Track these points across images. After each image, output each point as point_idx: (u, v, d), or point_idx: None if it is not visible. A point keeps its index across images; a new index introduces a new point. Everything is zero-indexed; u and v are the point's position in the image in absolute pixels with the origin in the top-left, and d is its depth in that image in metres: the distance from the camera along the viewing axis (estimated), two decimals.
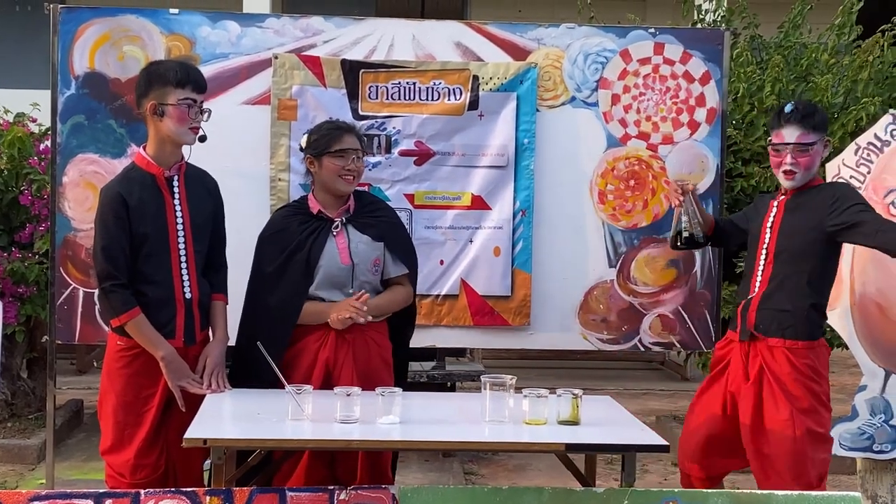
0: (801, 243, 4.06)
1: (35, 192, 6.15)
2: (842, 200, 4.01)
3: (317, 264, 4.07)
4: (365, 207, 4.21)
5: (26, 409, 6.70)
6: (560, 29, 5.02)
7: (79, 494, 3.36)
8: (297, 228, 4.11)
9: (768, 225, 4.17)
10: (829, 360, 4.21)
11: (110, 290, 3.87)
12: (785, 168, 4.07)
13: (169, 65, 3.98)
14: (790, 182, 4.09)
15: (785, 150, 4.05)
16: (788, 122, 4.05)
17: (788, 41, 6.64)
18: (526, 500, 3.44)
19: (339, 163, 4.05)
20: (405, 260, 4.21)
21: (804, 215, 4.08)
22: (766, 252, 4.15)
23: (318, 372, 4.01)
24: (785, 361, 4.06)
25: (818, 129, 4.07)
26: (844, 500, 3.55)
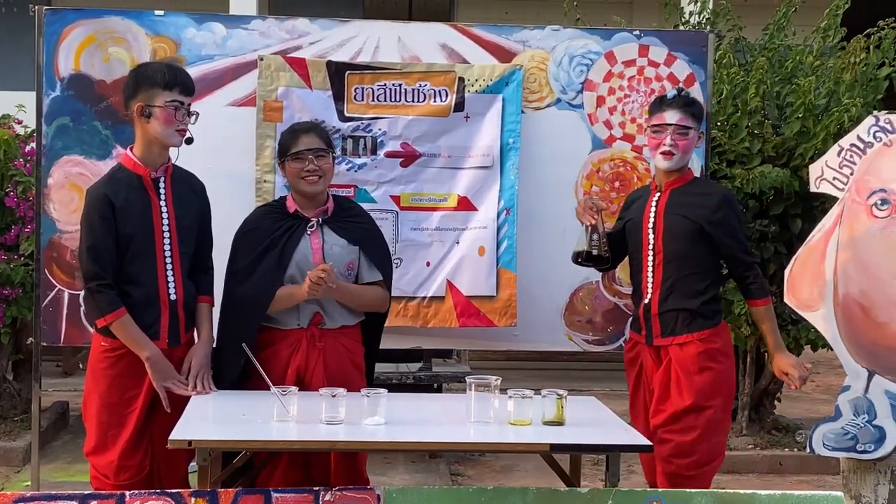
0: (687, 245, 4.20)
1: (20, 194, 6.14)
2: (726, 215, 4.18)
3: (289, 261, 4.09)
4: (343, 212, 4.22)
5: (12, 411, 6.68)
6: (545, 31, 5.03)
7: (64, 496, 3.36)
8: (272, 226, 4.12)
9: (650, 226, 4.25)
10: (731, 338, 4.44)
11: (96, 290, 3.88)
12: (664, 149, 4.18)
13: (157, 67, 3.99)
14: (667, 162, 4.19)
15: (665, 132, 4.17)
16: (671, 105, 4.20)
17: (773, 43, 6.67)
18: (511, 501, 3.45)
19: (297, 165, 4.08)
20: (381, 267, 4.22)
21: (685, 218, 4.19)
22: (653, 255, 4.24)
23: (290, 378, 4.01)
24: (695, 351, 4.19)
25: (696, 118, 4.23)
26: (827, 499, 3.58)
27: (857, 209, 4.46)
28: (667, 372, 4.22)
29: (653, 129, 4.24)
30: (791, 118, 6.21)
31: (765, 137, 6.25)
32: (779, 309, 6.30)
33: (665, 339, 4.23)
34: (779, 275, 6.29)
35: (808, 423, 6.95)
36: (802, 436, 6.64)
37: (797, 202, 6.31)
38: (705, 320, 4.24)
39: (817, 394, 8.81)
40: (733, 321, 6.29)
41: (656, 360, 4.28)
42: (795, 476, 6.38)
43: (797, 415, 7.52)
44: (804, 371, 4.24)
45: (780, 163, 6.23)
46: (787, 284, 4.59)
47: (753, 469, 6.46)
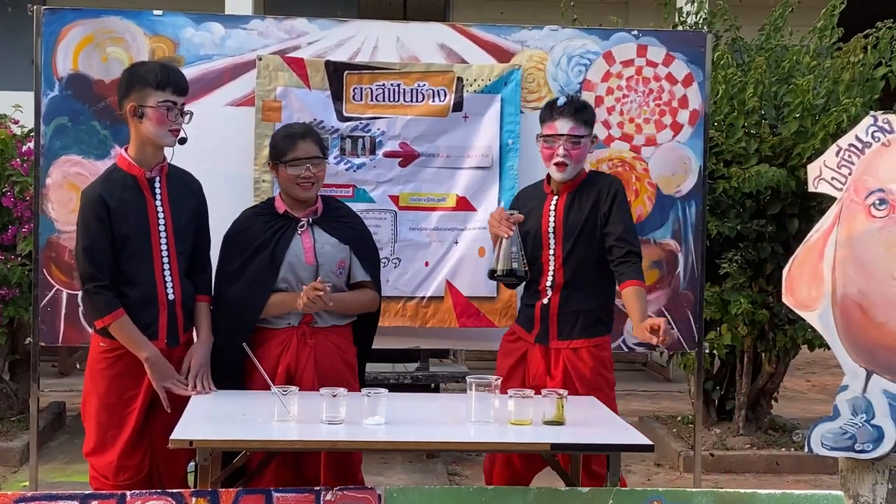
0: (588, 246, 4.20)
1: (17, 194, 6.13)
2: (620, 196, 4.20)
3: (282, 262, 4.10)
4: (332, 211, 4.24)
5: (8, 411, 6.68)
6: (544, 31, 5.04)
7: (65, 496, 3.37)
8: (262, 227, 4.14)
9: (549, 230, 4.24)
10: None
11: (93, 291, 3.88)
12: (557, 160, 4.16)
13: (150, 66, 3.99)
14: (561, 174, 4.18)
15: (557, 142, 4.15)
16: (561, 114, 4.16)
17: (769, 43, 6.68)
18: (511, 500, 3.45)
19: (294, 171, 4.09)
20: (371, 266, 4.25)
21: (582, 217, 4.20)
22: (553, 258, 4.23)
23: (280, 376, 4.02)
24: (589, 358, 4.21)
25: (588, 124, 4.22)
26: (827, 499, 3.59)
27: (855, 209, 4.46)
28: (563, 378, 4.18)
29: (544, 139, 4.21)
30: (789, 118, 6.22)
31: (762, 137, 6.27)
32: (776, 308, 6.36)
33: (561, 343, 4.23)
34: (776, 275, 6.31)
35: (805, 422, 6.98)
36: (799, 435, 6.66)
37: (794, 202, 6.33)
38: (601, 326, 4.28)
39: (813, 394, 8.83)
40: (730, 321, 6.30)
41: (545, 361, 4.26)
42: (792, 476, 6.40)
43: (793, 414, 7.54)
44: (668, 326, 4.04)
45: (778, 162, 6.24)
46: (785, 284, 4.60)
47: (750, 469, 6.47)
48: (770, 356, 6.58)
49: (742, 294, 6.25)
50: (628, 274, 4.14)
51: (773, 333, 6.49)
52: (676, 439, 6.76)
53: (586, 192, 4.26)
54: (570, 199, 4.26)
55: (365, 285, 4.25)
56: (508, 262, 4.15)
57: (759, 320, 6.33)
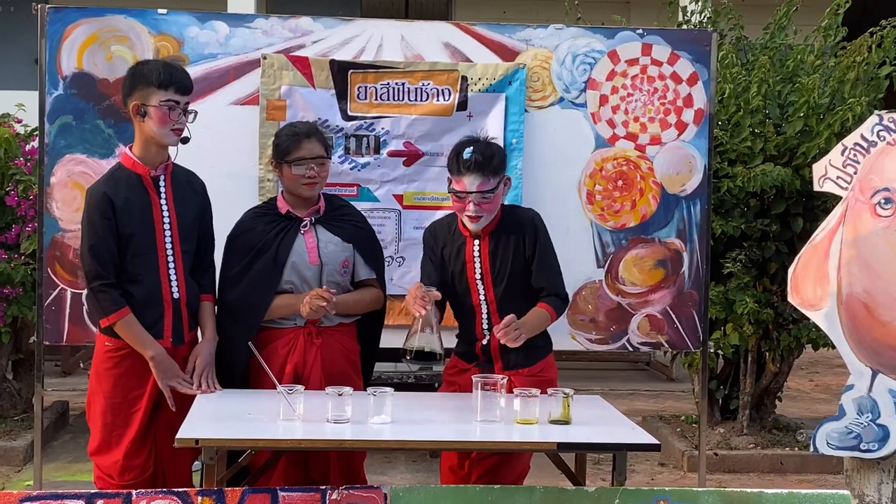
0: (517, 286, 4.11)
1: (21, 193, 6.13)
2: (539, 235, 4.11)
3: (285, 263, 4.09)
4: (335, 210, 4.23)
5: (12, 410, 6.67)
6: (548, 30, 5.03)
7: (70, 495, 3.36)
8: (265, 228, 4.13)
9: (477, 277, 4.13)
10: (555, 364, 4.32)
11: (99, 289, 3.87)
12: (468, 213, 4.03)
13: (153, 65, 3.98)
14: (475, 225, 4.07)
15: (467, 198, 4.01)
16: (469, 169, 3.98)
17: (774, 42, 6.67)
18: (518, 500, 3.45)
19: (298, 171, 4.08)
20: (374, 264, 4.25)
21: (508, 260, 4.09)
22: (485, 302, 4.14)
23: (288, 376, 4.01)
24: (539, 383, 4.03)
25: (497, 173, 4.04)
26: (834, 498, 3.58)
27: (860, 208, 4.46)
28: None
29: (454, 195, 4.05)
30: (793, 117, 6.21)
31: (766, 136, 6.26)
32: (780, 308, 6.36)
33: (507, 372, 4.09)
34: (780, 274, 6.30)
35: (809, 422, 6.97)
36: (803, 435, 6.65)
37: (798, 201, 6.32)
38: (542, 349, 4.20)
39: (817, 393, 8.82)
40: (735, 320, 6.30)
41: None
42: (796, 475, 6.39)
43: (797, 414, 7.54)
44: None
45: (782, 162, 6.23)
46: (790, 283, 4.60)
47: (754, 468, 6.47)
48: (774, 356, 6.57)
49: (747, 293, 6.24)
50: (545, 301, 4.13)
51: (777, 333, 6.48)
52: (680, 439, 6.76)
53: (507, 231, 4.13)
54: (493, 241, 4.13)
55: (369, 283, 4.25)
56: (425, 342, 3.84)
57: (764, 320, 6.32)
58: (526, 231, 4.14)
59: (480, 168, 3.98)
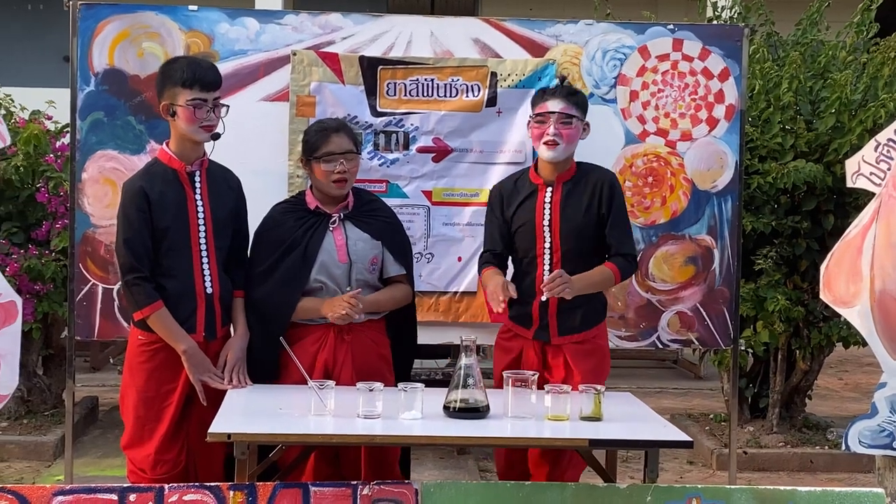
0: (586, 240, 4.17)
1: (52, 190, 6.16)
2: (615, 193, 4.19)
3: (314, 261, 4.08)
4: (364, 205, 4.21)
5: (42, 405, 6.71)
6: (578, 25, 5.01)
7: (103, 489, 3.37)
8: (294, 224, 4.11)
9: (545, 224, 4.18)
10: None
11: (133, 282, 3.89)
12: (547, 139, 4.11)
13: (178, 65, 3.98)
14: (552, 153, 4.13)
15: (548, 120, 4.11)
16: (553, 95, 4.16)
17: (805, 38, 6.62)
18: (549, 496, 3.43)
19: (327, 167, 4.07)
20: (403, 260, 4.23)
21: (580, 213, 4.16)
22: (549, 253, 4.17)
23: (318, 372, 4.01)
24: (592, 350, 4.18)
25: (580, 107, 4.19)
26: (868, 496, 3.55)
27: (894, 204, 4.43)
28: (564, 372, 4.14)
29: (536, 119, 4.18)
30: (825, 113, 6.17)
31: (797, 133, 6.22)
32: (811, 306, 6.31)
33: (562, 339, 4.17)
34: (811, 271, 6.26)
35: (839, 420, 6.93)
36: (833, 434, 6.61)
37: (829, 198, 6.28)
38: (598, 314, 4.26)
39: (846, 392, 8.76)
40: (766, 318, 6.25)
41: (540, 358, 4.21)
42: (826, 474, 6.35)
43: (827, 413, 7.48)
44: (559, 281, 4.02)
45: (813, 158, 6.19)
46: (822, 280, 4.57)
47: (784, 467, 6.43)
48: (804, 354, 6.52)
49: (778, 291, 6.20)
50: (612, 260, 4.19)
51: (807, 331, 6.44)
52: (709, 437, 6.72)
53: (581, 185, 4.21)
54: (565, 191, 4.20)
55: (398, 279, 4.23)
56: (469, 395, 3.64)
57: (795, 317, 6.28)
58: (603, 187, 4.20)
59: (565, 95, 4.15)
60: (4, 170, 6.23)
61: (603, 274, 4.17)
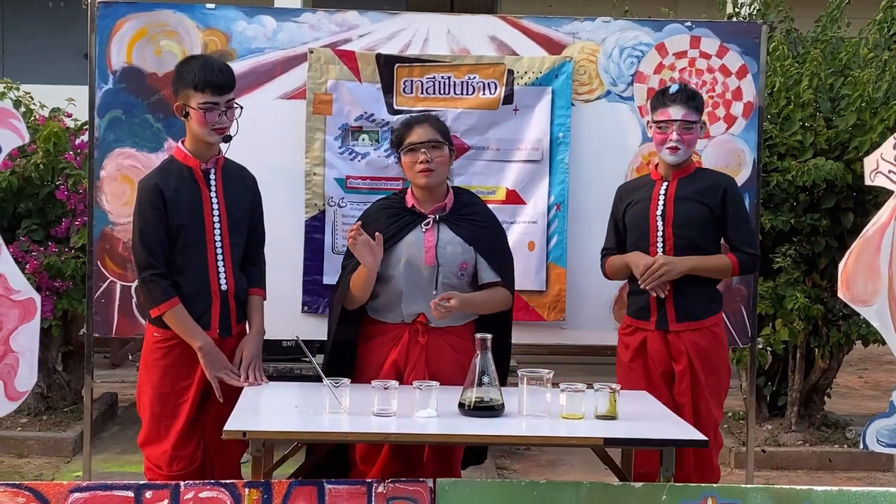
0: (698, 231, 4.31)
1: (71, 187, 6.19)
2: (731, 195, 4.35)
3: (400, 257, 4.03)
4: (463, 208, 4.15)
5: (61, 402, 6.75)
6: (595, 23, 5.00)
7: (119, 486, 3.39)
8: (387, 221, 4.08)
9: (658, 214, 4.34)
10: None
11: (149, 279, 3.91)
12: (670, 144, 4.28)
13: (191, 67, 3.96)
14: (674, 157, 4.30)
15: (671, 127, 4.27)
16: (674, 101, 4.29)
17: (825, 35, 6.59)
18: (564, 495, 3.43)
19: (410, 158, 4.06)
20: (499, 267, 4.13)
21: (694, 204, 4.32)
22: (662, 242, 4.32)
23: (387, 371, 3.98)
24: (711, 338, 4.34)
25: (699, 110, 4.34)
26: (885, 496, 3.53)
27: None
28: (688, 361, 4.29)
29: (657, 125, 4.32)
30: (846, 111, 6.13)
31: (816, 130, 6.19)
32: (830, 304, 6.28)
33: (681, 325, 4.31)
34: (830, 269, 6.22)
35: (858, 419, 6.89)
36: (852, 432, 6.57)
37: (849, 196, 6.25)
38: (715, 304, 4.40)
39: (866, 390, 8.71)
40: (785, 316, 6.23)
41: (665, 345, 4.33)
42: (845, 473, 6.32)
43: (847, 411, 7.44)
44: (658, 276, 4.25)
45: (833, 156, 6.16)
46: (840, 278, 4.53)
47: (803, 465, 6.40)
48: (823, 352, 6.50)
49: (797, 289, 6.18)
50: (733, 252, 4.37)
51: (826, 329, 6.41)
52: (727, 435, 6.69)
53: (698, 182, 4.37)
54: (681, 186, 4.35)
55: (495, 285, 4.14)
56: (484, 393, 3.64)
57: (814, 315, 6.25)
58: (720, 188, 4.35)
59: (685, 100, 4.29)
60: (24, 167, 6.27)
61: (721, 260, 4.35)
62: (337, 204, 4.86)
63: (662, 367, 4.33)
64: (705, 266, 4.32)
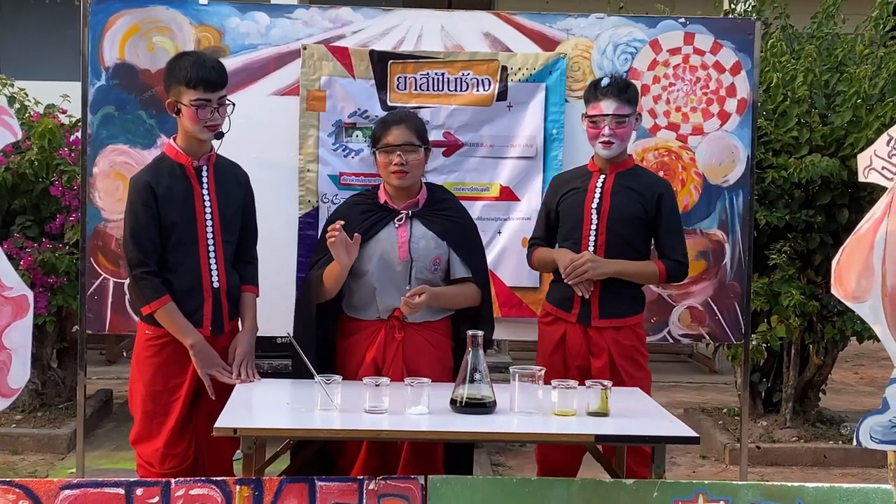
0: (631, 228, 4.27)
1: (65, 183, 6.18)
2: (667, 199, 4.30)
3: (373, 253, 4.04)
4: (435, 204, 4.15)
5: (56, 398, 6.74)
6: (589, 19, 4.99)
7: (110, 483, 3.39)
8: (359, 217, 4.08)
9: (593, 207, 4.29)
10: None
11: (140, 277, 3.91)
12: (603, 139, 4.23)
13: (183, 63, 3.94)
14: (608, 151, 4.25)
15: (603, 122, 4.22)
16: (606, 95, 4.22)
17: (821, 32, 6.58)
18: (555, 492, 3.43)
19: (385, 159, 4.05)
20: (471, 262, 4.15)
21: (630, 200, 4.27)
22: (594, 236, 4.28)
23: (367, 368, 3.99)
24: (633, 337, 4.30)
25: (632, 103, 4.28)
26: (877, 493, 3.53)
27: None
28: (608, 357, 4.24)
29: (590, 119, 4.27)
30: (842, 107, 6.13)
31: (812, 127, 6.18)
32: (825, 300, 6.28)
33: (603, 321, 4.27)
34: (825, 266, 6.23)
35: (853, 415, 6.89)
36: (847, 428, 6.57)
37: (844, 192, 6.24)
38: (638, 305, 4.37)
39: (861, 386, 8.72)
40: (781, 312, 6.23)
41: (586, 340, 4.29)
42: (839, 469, 6.32)
43: (841, 407, 7.45)
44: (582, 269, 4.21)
45: (828, 152, 6.15)
46: (834, 275, 4.53)
47: (797, 462, 6.40)
48: (818, 348, 6.50)
49: (793, 285, 6.18)
50: (662, 260, 4.32)
51: (821, 325, 6.41)
52: (722, 431, 6.70)
53: (636, 180, 4.33)
54: (618, 180, 4.31)
55: (467, 281, 4.15)
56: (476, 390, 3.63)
57: (809, 312, 6.25)
58: (655, 191, 4.31)
59: (617, 94, 4.22)
60: (19, 164, 6.26)
61: (649, 266, 4.31)
62: (331, 200, 4.86)
63: (580, 361, 4.27)
64: (632, 271, 4.27)
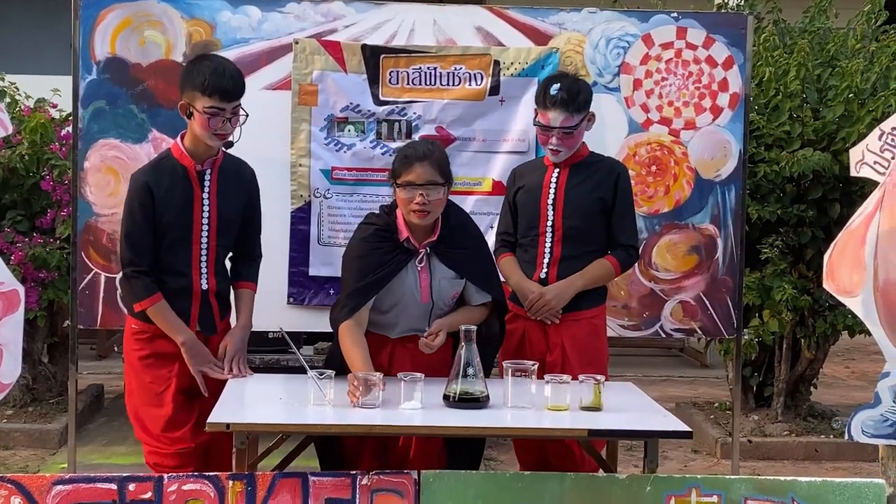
0: (588, 222, 4.25)
1: (56, 178, 6.16)
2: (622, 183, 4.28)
3: (396, 298, 3.97)
4: (452, 233, 4.03)
5: (47, 393, 6.73)
6: (582, 13, 4.99)
7: (102, 478, 3.39)
8: (382, 258, 3.95)
9: (549, 202, 4.27)
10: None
11: (131, 275, 3.92)
12: (551, 147, 4.21)
13: (202, 69, 3.87)
14: (556, 158, 4.25)
15: (550, 133, 4.19)
16: (554, 105, 4.16)
17: (813, 26, 6.59)
18: (549, 487, 3.43)
19: (406, 195, 3.90)
20: (488, 288, 4.10)
21: (586, 194, 4.25)
22: (551, 231, 4.26)
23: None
24: (589, 330, 4.27)
25: (581, 110, 4.21)
26: (868, 486, 3.55)
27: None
28: (561, 352, 4.21)
29: (539, 127, 4.24)
30: (834, 101, 6.14)
31: (804, 121, 6.19)
32: (816, 294, 6.29)
33: (562, 316, 4.23)
34: (816, 260, 6.23)
35: (844, 409, 6.91)
36: (838, 422, 6.59)
37: (836, 186, 6.25)
38: (598, 296, 4.33)
39: (853, 380, 8.74)
40: (773, 307, 6.23)
41: (543, 334, 4.26)
42: (831, 463, 6.34)
43: (833, 401, 7.47)
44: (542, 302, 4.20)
45: (820, 147, 6.16)
46: (825, 269, 4.54)
47: (789, 456, 6.42)
48: (810, 342, 6.51)
49: (784, 280, 6.19)
50: (613, 253, 4.29)
51: (812, 319, 6.42)
52: (714, 426, 6.71)
53: (590, 169, 4.30)
54: (573, 174, 4.28)
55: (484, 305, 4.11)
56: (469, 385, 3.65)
57: (801, 306, 6.26)
58: (611, 176, 4.27)
59: (565, 105, 4.15)
60: (9, 158, 6.24)
61: (603, 267, 4.26)
62: (323, 195, 4.85)
63: (538, 357, 4.19)
64: (590, 280, 4.23)
